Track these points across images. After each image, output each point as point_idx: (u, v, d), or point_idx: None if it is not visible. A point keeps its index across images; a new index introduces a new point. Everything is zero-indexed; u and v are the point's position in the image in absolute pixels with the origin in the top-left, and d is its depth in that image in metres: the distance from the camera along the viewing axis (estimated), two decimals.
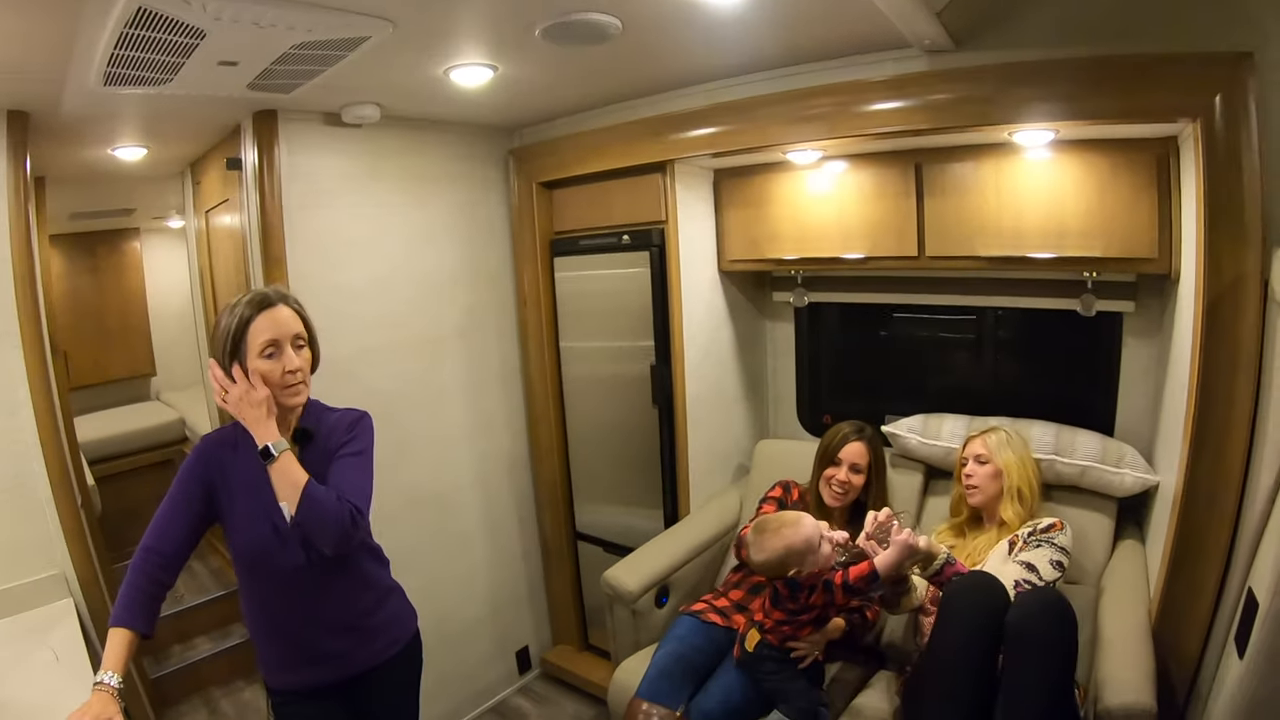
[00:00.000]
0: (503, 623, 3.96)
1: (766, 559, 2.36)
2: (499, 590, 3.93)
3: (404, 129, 3.31)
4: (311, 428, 2.04)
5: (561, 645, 4.16)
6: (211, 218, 3.77)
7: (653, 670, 2.63)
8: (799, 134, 2.79)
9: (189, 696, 4.22)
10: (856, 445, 2.85)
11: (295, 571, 1.95)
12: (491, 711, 3.89)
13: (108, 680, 1.76)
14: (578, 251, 3.60)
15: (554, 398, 3.83)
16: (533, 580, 4.11)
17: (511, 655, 4.04)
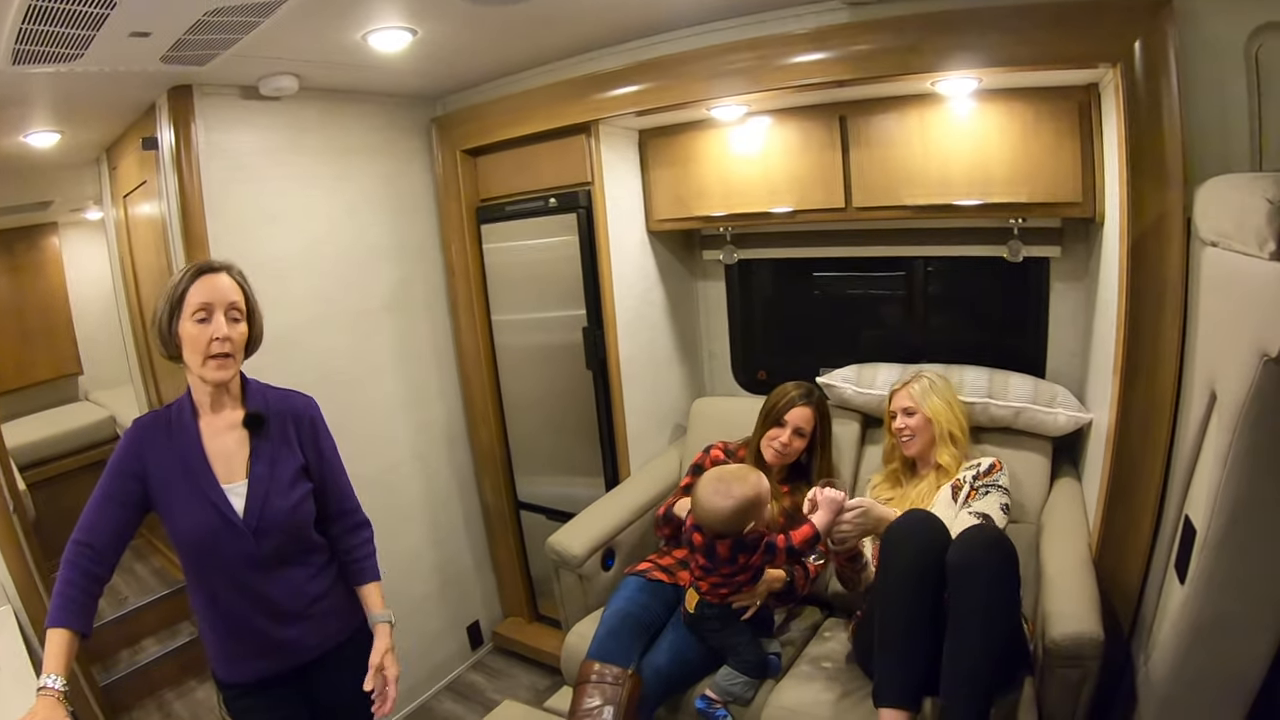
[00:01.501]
0: (451, 599, 3.94)
1: (730, 506, 2.33)
2: (445, 566, 3.91)
3: (324, 101, 3.24)
4: (261, 411, 1.99)
5: (512, 617, 4.15)
6: (130, 203, 3.66)
7: (601, 630, 2.64)
8: (721, 89, 2.79)
9: (141, 701, 4.15)
10: (803, 410, 2.82)
11: (245, 560, 1.90)
12: (446, 689, 3.88)
13: (51, 684, 1.71)
14: (505, 218, 3.57)
15: (487, 368, 3.80)
16: (478, 554, 4.09)
17: (463, 631, 4.03)
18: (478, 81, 3.49)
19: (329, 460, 2.10)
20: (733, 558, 2.41)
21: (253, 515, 1.90)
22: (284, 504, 1.95)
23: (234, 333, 1.87)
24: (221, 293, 1.86)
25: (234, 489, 1.91)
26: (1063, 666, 2.02)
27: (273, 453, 1.97)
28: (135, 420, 1.99)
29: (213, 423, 1.95)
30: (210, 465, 1.91)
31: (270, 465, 1.95)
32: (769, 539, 2.39)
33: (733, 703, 2.49)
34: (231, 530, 1.88)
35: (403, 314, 3.66)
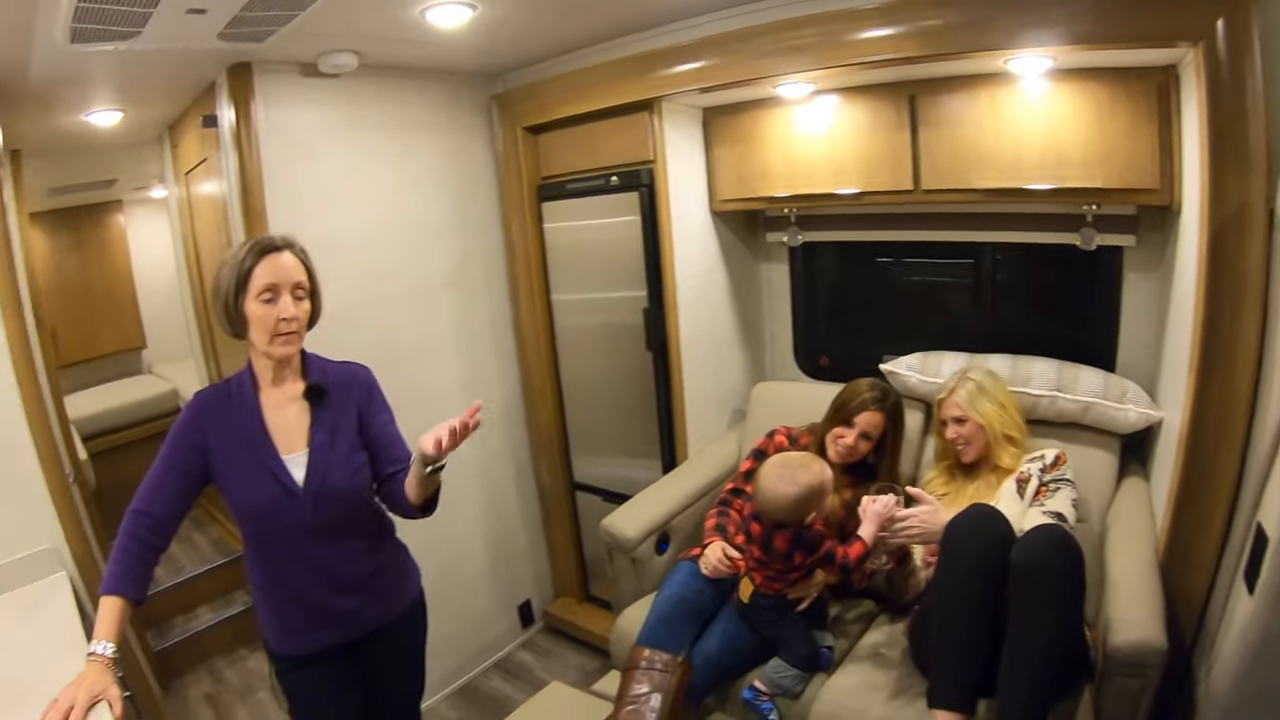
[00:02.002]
0: (504, 577, 3.94)
1: (794, 494, 2.31)
2: (498, 545, 3.91)
3: (383, 78, 3.22)
4: (321, 383, 1.99)
5: (563, 598, 4.14)
6: (191, 180, 3.70)
7: (653, 616, 2.61)
8: (787, 66, 2.71)
9: (193, 667, 4.23)
10: (874, 416, 2.69)
11: (304, 529, 1.91)
12: (496, 667, 3.89)
13: (101, 650, 1.73)
14: (565, 195, 3.53)
15: (546, 348, 3.78)
16: (532, 533, 4.09)
17: (514, 610, 4.03)
18: (538, 58, 3.44)
19: (386, 421, 2.09)
20: (789, 553, 2.38)
21: (313, 483, 1.91)
22: (344, 472, 1.95)
23: (299, 311, 1.88)
24: (287, 273, 1.86)
25: (294, 459, 1.92)
26: (1123, 675, 1.95)
27: (333, 422, 1.97)
28: (196, 393, 2.00)
29: (273, 395, 1.96)
30: (271, 437, 1.92)
31: (330, 434, 1.96)
32: (829, 548, 2.37)
33: (781, 695, 2.45)
34: (292, 499, 1.89)
35: (462, 291, 3.65)
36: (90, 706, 1.65)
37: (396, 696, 2.23)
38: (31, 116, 3.08)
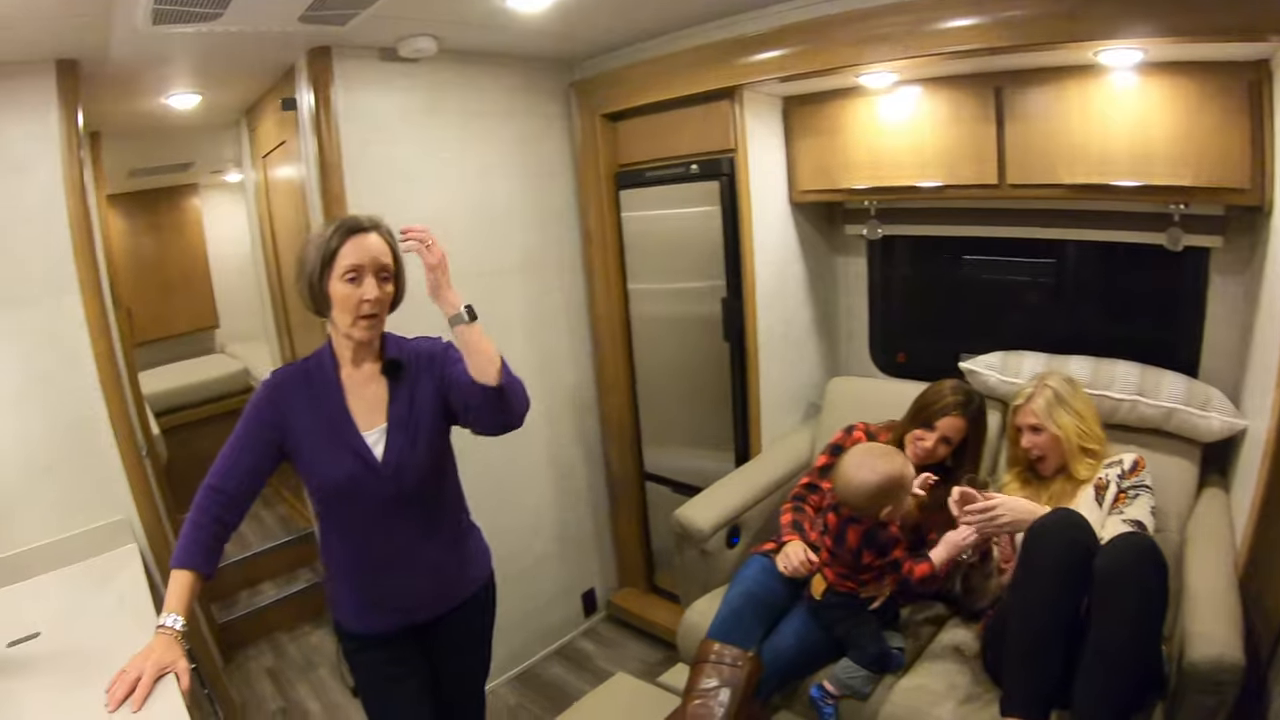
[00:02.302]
0: (569, 564, 3.94)
1: (873, 482, 2.27)
2: (565, 531, 3.90)
3: (462, 63, 3.22)
4: (399, 358, 1.98)
5: (628, 588, 4.13)
6: (269, 163, 3.74)
7: (724, 610, 2.58)
8: (871, 55, 2.64)
9: (256, 641, 4.30)
10: (956, 421, 2.62)
11: (383, 506, 1.91)
12: (557, 653, 3.88)
13: (170, 623, 1.75)
14: (644, 184, 3.50)
15: (621, 336, 3.77)
16: (599, 521, 4.07)
17: (577, 597, 4.02)
18: (618, 45, 3.40)
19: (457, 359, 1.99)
20: (858, 551, 2.36)
21: (392, 457, 1.90)
22: (424, 445, 1.94)
23: (382, 293, 1.87)
24: (372, 254, 1.85)
25: (373, 435, 1.92)
26: (1199, 692, 1.87)
27: (410, 396, 1.96)
28: (274, 371, 2.01)
29: (353, 375, 1.95)
30: (350, 415, 1.92)
31: (409, 408, 1.95)
32: (897, 557, 2.36)
33: (849, 696, 2.41)
34: (371, 474, 1.89)
35: (537, 277, 3.64)
36: (157, 678, 1.68)
37: (462, 678, 2.23)
38: (111, 99, 3.11)
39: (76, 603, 2.32)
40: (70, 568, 2.53)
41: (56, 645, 2.07)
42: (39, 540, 2.53)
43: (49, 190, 2.49)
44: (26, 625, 2.16)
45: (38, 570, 2.50)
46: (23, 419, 2.51)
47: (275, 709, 3.69)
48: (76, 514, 2.60)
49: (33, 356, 2.52)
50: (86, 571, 2.51)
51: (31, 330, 2.51)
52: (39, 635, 2.12)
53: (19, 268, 2.47)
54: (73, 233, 2.54)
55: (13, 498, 2.51)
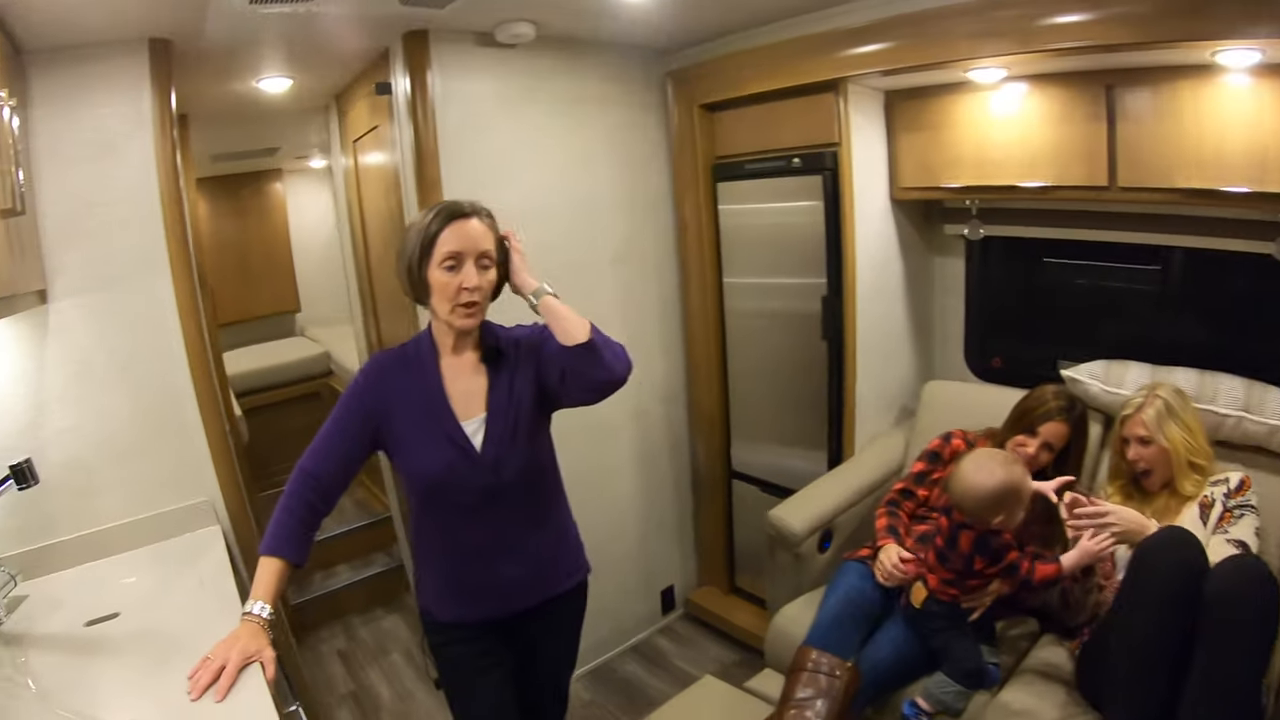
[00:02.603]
0: (650, 560, 3.89)
1: (991, 487, 2.19)
2: (648, 526, 3.85)
3: (558, 50, 3.18)
4: (499, 345, 1.94)
5: (707, 587, 4.07)
6: (359, 148, 3.72)
7: (824, 617, 2.51)
8: (984, 49, 2.54)
9: (328, 623, 4.35)
10: (1060, 427, 2.54)
11: (482, 497, 1.87)
12: (633, 650, 3.84)
13: (257, 611, 1.73)
14: (743, 176, 3.43)
15: (714, 330, 3.70)
16: (682, 517, 4.02)
17: (656, 594, 3.97)
18: (716, 34, 3.33)
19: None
20: (970, 556, 2.28)
21: (491, 447, 1.86)
22: (523, 433, 1.90)
23: (483, 281, 1.81)
24: (473, 241, 1.80)
25: (472, 424, 1.88)
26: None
27: (510, 384, 1.92)
28: (373, 357, 1.98)
29: (453, 363, 1.92)
30: (450, 403, 1.88)
31: (508, 395, 1.90)
32: (1014, 559, 2.26)
33: (942, 712, 2.33)
34: (470, 465, 1.85)
35: (630, 269, 3.60)
36: (243, 667, 1.65)
37: (548, 673, 2.20)
38: (202, 81, 3.10)
39: (157, 584, 2.30)
40: (151, 547, 2.53)
41: (135, 626, 2.05)
42: (122, 518, 2.53)
43: (141, 170, 2.48)
44: (105, 604, 2.15)
45: (119, 548, 2.50)
46: (111, 398, 2.51)
47: (345, 692, 3.72)
48: (160, 494, 2.60)
49: (122, 336, 2.52)
50: (168, 552, 2.50)
51: (120, 310, 2.51)
52: (118, 615, 2.10)
53: (108, 246, 2.46)
54: (164, 213, 2.53)
55: (98, 475, 2.51)
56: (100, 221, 2.44)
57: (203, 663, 1.65)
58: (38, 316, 2.38)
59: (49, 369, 2.41)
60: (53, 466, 2.38)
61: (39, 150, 2.32)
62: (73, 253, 2.41)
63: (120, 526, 2.51)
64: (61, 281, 2.41)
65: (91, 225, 2.43)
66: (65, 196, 2.38)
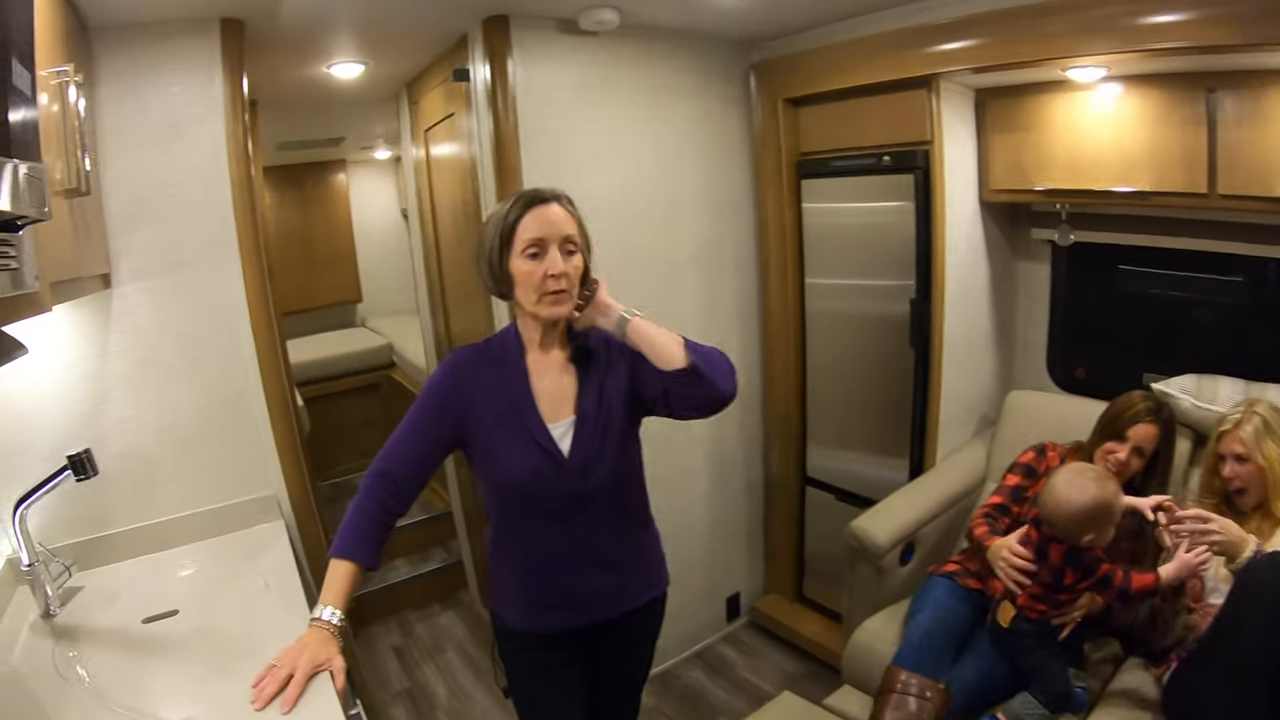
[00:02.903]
0: (717, 566, 3.80)
1: (1082, 503, 2.11)
2: (717, 532, 3.76)
3: (640, 38, 3.11)
4: (589, 344, 1.86)
5: (773, 595, 3.97)
6: (431, 137, 3.67)
7: (915, 636, 2.42)
8: (1085, 47, 2.43)
9: (384, 618, 4.33)
10: (1149, 429, 2.44)
11: (566, 503, 1.79)
12: (696, 657, 3.75)
13: (326, 616, 1.65)
14: (829, 174, 3.33)
15: (794, 332, 3.60)
16: (752, 524, 3.93)
17: (722, 601, 3.89)
18: (803, 26, 3.24)
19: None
20: (1060, 569, 2.20)
21: (580, 452, 1.78)
22: (612, 439, 1.81)
23: (569, 267, 1.72)
24: (555, 225, 1.71)
25: (559, 427, 1.79)
26: None
27: (601, 385, 1.83)
28: (453, 353, 1.90)
29: (540, 360, 1.83)
30: (536, 404, 1.79)
31: (599, 399, 1.82)
32: (1107, 571, 2.17)
33: None
34: (557, 470, 1.76)
35: (709, 267, 3.52)
36: (311, 676, 1.57)
37: (622, 686, 2.13)
38: (272, 64, 3.07)
39: (218, 580, 2.24)
40: (212, 541, 2.48)
41: (195, 625, 1.99)
42: (182, 511, 2.48)
43: (211, 153, 2.44)
44: (164, 601, 2.10)
45: (178, 541, 2.45)
46: (174, 387, 2.47)
47: (400, 690, 3.69)
48: (223, 487, 2.55)
49: (187, 323, 2.47)
50: (230, 547, 2.45)
51: (187, 296, 2.46)
52: (177, 613, 2.04)
53: (175, 230, 2.42)
54: (234, 198, 2.47)
55: (159, 466, 2.46)
56: (168, 204, 2.39)
57: (268, 670, 1.57)
58: (101, 301, 2.34)
59: (112, 356, 2.37)
60: (112, 456, 2.35)
61: (105, 130, 2.28)
62: (139, 236, 2.37)
63: (180, 519, 2.47)
64: (126, 265, 2.36)
65: (158, 208, 2.38)
66: (132, 178, 2.34)
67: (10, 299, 1.26)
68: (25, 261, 1.27)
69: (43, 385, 2.27)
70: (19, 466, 2.19)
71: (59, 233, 1.69)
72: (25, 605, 2.08)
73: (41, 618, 2.03)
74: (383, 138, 5.84)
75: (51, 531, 2.26)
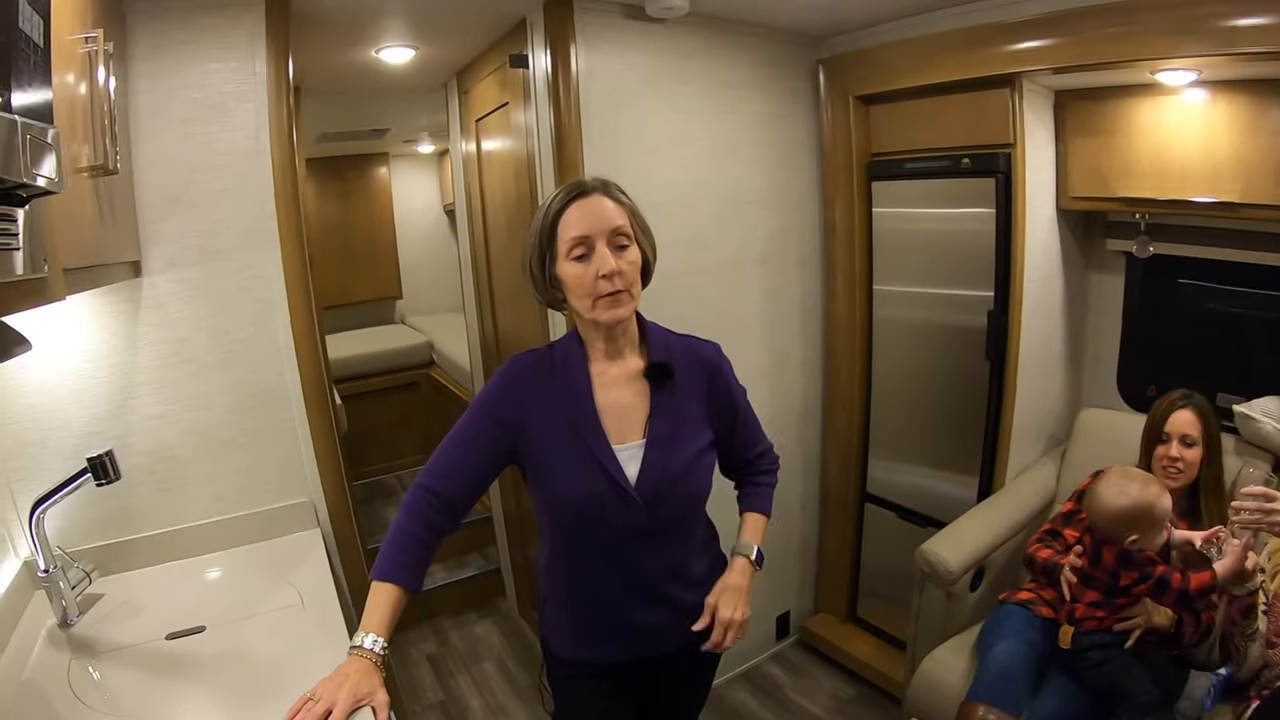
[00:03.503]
0: (769, 583, 3.66)
1: (1121, 505, 2.14)
2: (771, 548, 3.53)
3: (708, 28, 2.99)
4: (667, 361, 1.69)
5: (824, 614, 3.84)
6: (482, 128, 3.55)
7: (992, 669, 2.28)
8: (1179, 49, 2.27)
9: (418, 624, 4.25)
10: (1184, 414, 2.43)
11: (628, 533, 1.63)
12: (743, 677, 3.62)
13: (369, 645, 1.49)
14: (902, 176, 3.19)
15: (860, 341, 3.46)
16: (805, 540, 3.79)
17: (772, 619, 3.76)
18: (877, 20, 3.11)
19: (743, 412, 1.82)
20: (1115, 571, 2.19)
21: (647, 481, 1.61)
22: (684, 470, 1.65)
23: (623, 263, 1.55)
24: (600, 219, 1.55)
25: (627, 450, 1.63)
26: None
27: (677, 409, 1.67)
28: (510, 360, 1.73)
29: (606, 371, 1.67)
30: (601, 422, 1.63)
31: (674, 424, 1.66)
32: (1162, 573, 2.13)
33: None
34: (621, 498, 1.60)
35: (774, 270, 3.39)
36: (351, 712, 1.42)
37: (678, 714, 1.99)
38: (319, 47, 2.99)
39: (249, 594, 2.11)
40: (243, 549, 2.37)
41: (223, 645, 1.87)
42: (211, 516, 2.37)
43: (252, 136, 2.32)
44: (190, 615, 1.98)
45: (207, 548, 2.34)
46: (207, 383, 2.35)
47: (434, 701, 3.59)
48: (256, 491, 2.44)
49: (222, 315, 2.35)
50: (262, 556, 2.33)
51: (223, 287, 2.34)
52: (203, 630, 1.92)
53: (211, 217, 2.30)
54: (276, 184, 2.35)
55: (188, 467, 2.35)
56: (204, 189, 2.27)
57: (303, 703, 1.42)
58: (129, 290, 2.22)
59: (140, 349, 2.25)
60: (138, 455, 2.26)
61: (139, 108, 2.16)
62: (172, 222, 2.24)
63: (209, 525, 2.36)
64: (158, 252, 2.24)
65: (194, 193, 2.26)
66: (166, 160, 2.22)
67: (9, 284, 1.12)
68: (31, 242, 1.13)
69: (64, 379, 2.16)
70: (37, 465, 2.10)
71: (78, 213, 1.57)
72: (42, 612, 1.98)
73: (59, 626, 1.94)
74: (427, 130, 5.79)
75: (71, 534, 2.15)
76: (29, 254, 1.13)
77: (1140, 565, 2.15)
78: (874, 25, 3.15)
